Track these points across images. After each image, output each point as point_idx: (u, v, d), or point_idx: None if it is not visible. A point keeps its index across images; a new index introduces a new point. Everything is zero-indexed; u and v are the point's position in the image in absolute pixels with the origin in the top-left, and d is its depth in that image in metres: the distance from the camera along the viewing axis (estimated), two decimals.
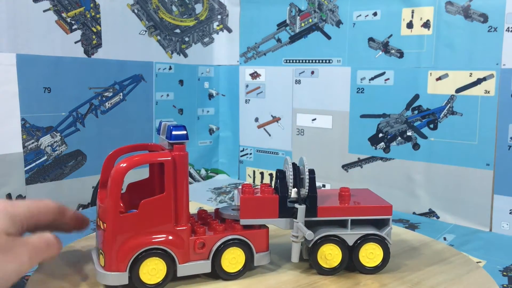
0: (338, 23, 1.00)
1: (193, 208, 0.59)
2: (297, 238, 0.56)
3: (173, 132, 0.53)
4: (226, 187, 1.11)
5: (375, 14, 0.95)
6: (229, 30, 1.18)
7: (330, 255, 0.57)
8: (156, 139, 1.08)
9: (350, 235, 0.57)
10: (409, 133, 0.93)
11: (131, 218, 0.51)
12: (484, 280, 0.57)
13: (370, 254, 0.57)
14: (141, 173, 0.61)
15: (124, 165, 0.50)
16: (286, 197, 0.56)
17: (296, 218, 0.56)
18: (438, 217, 0.91)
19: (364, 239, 0.57)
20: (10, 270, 0.45)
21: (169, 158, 0.52)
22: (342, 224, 0.58)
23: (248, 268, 0.56)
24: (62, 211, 0.55)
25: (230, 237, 0.55)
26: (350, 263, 0.58)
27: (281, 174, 0.59)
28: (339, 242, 0.57)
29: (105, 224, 0.50)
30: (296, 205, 0.56)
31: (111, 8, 0.97)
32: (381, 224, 0.59)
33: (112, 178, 0.50)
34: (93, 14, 0.94)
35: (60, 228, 0.55)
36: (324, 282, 0.56)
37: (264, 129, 1.14)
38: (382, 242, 0.57)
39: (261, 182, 1.15)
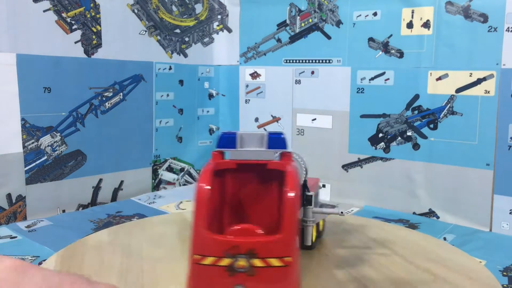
0: (338, 23, 1.00)
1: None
2: (312, 223, 0.59)
3: (284, 141, 0.48)
4: None
5: (375, 14, 0.95)
6: (229, 30, 1.18)
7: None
8: (159, 140, 1.09)
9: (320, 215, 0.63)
10: (409, 133, 0.93)
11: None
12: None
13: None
14: None
15: (293, 194, 0.43)
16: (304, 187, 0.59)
17: (311, 204, 0.58)
18: (438, 217, 0.91)
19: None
20: None
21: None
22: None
23: None
24: None
25: None
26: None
27: None
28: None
29: (290, 258, 0.41)
30: (308, 193, 0.58)
31: (111, 8, 0.97)
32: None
33: (289, 207, 0.43)
34: (93, 14, 0.94)
35: None
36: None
37: (264, 129, 1.14)
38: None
39: None
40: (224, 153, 0.48)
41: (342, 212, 0.54)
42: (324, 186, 1.02)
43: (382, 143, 0.96)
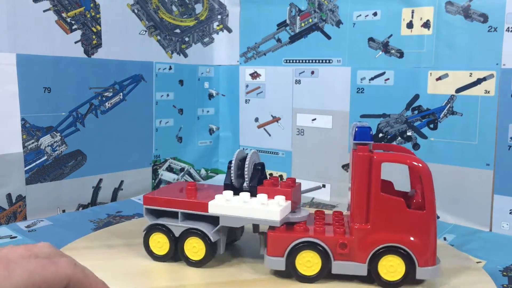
0: (338, 23, 1.00)
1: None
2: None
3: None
4: None
5: (375, 14, 0.95)
6: (229, 30, 1.18)
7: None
8: (159, 140, 1.09)
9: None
10: (409, 133, 0.93)
11: None
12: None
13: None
14: None
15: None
16: None
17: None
18: (438, 217, 0.91)
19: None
20: None
21: None
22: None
23: None
24: (77, 285, 0.37)
25: None
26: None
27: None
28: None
29: None
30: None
31: (111, 8, 0.97)
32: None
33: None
34: (93, 14, 0.94)
35: None
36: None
37: (264, 129, 1.14)
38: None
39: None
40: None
41: (323, 185, 0.58)
42: (324, 186, 1.02)
43: (382, 143, 0.96)
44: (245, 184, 0.62)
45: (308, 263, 0.55)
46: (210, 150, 1.21)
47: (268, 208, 0.56)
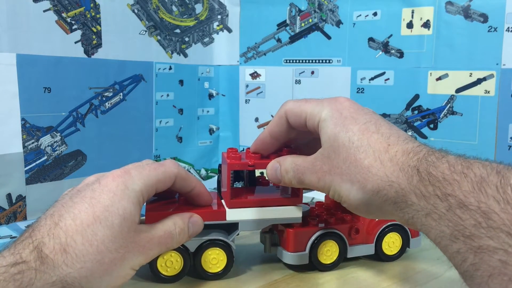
0: (338, 23, 1.00)
1: None
2: None
3: None
4: None
5: (375, 14, 0.96)
6: (229, 30, 1.18)
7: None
8: (159, 140, 1.09)
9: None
10: (409, 133, 0.93)
11: None
12: None
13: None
14: None
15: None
16: None
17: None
18: None
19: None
20: (130, 266, 0.43)
21: None
22: None
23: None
24: (181, 181, 0.49)
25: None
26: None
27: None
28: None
29: None
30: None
31: (111, 8, 0.97)
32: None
33: None
34: (93, 14, 0.94)
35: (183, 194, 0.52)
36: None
37: (264, 129, 1.14)
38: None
39: None
40: None
41: None
42: None
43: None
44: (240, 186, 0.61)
45: (328, 252, 0.58)
46: (210, 150, 1.21)
47: (288, 207, 0.57)
